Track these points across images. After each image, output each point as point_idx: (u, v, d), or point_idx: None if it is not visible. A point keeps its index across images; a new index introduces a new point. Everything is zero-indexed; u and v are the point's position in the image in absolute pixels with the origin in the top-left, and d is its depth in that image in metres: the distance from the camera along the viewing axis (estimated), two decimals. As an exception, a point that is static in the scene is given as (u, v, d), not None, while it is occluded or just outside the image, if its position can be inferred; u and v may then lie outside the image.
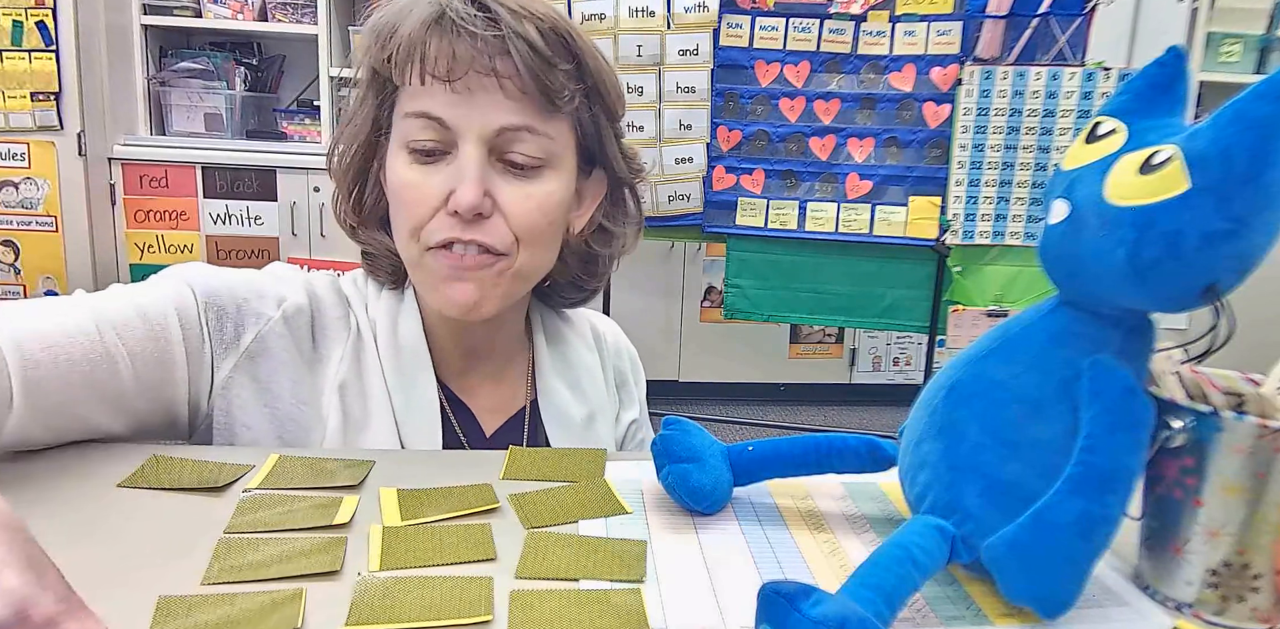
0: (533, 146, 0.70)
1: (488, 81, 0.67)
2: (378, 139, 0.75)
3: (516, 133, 0.69)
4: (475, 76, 0.67)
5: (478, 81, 0.67)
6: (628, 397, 0.93)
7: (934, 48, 2.48)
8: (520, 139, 0.70)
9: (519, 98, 0.68)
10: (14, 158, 2.83)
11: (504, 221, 0.70)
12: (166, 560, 0.52)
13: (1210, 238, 0.44)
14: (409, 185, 0.70)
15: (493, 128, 0.69)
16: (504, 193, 0.70)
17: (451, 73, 0.67)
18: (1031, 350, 0.52)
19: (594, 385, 0.87)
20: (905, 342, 3.61)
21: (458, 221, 0.69)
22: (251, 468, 0.66)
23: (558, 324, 0.88)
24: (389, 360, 0.76)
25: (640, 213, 0.85)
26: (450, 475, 0.66)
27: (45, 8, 2.72)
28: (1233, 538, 0.49)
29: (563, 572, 0.53)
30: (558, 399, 0.83)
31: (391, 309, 0.78)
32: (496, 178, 0.70)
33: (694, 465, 0.61)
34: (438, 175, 0.70)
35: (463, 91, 0.68)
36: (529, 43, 0.67)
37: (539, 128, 0.70)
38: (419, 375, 0.77)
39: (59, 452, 0.68)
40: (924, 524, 0.51)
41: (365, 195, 0.78)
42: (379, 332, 0.77)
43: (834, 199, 2.57)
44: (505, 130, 0.69)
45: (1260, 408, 0.53)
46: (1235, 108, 0.44)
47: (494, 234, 0.70)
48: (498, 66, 0.67)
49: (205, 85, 3.06)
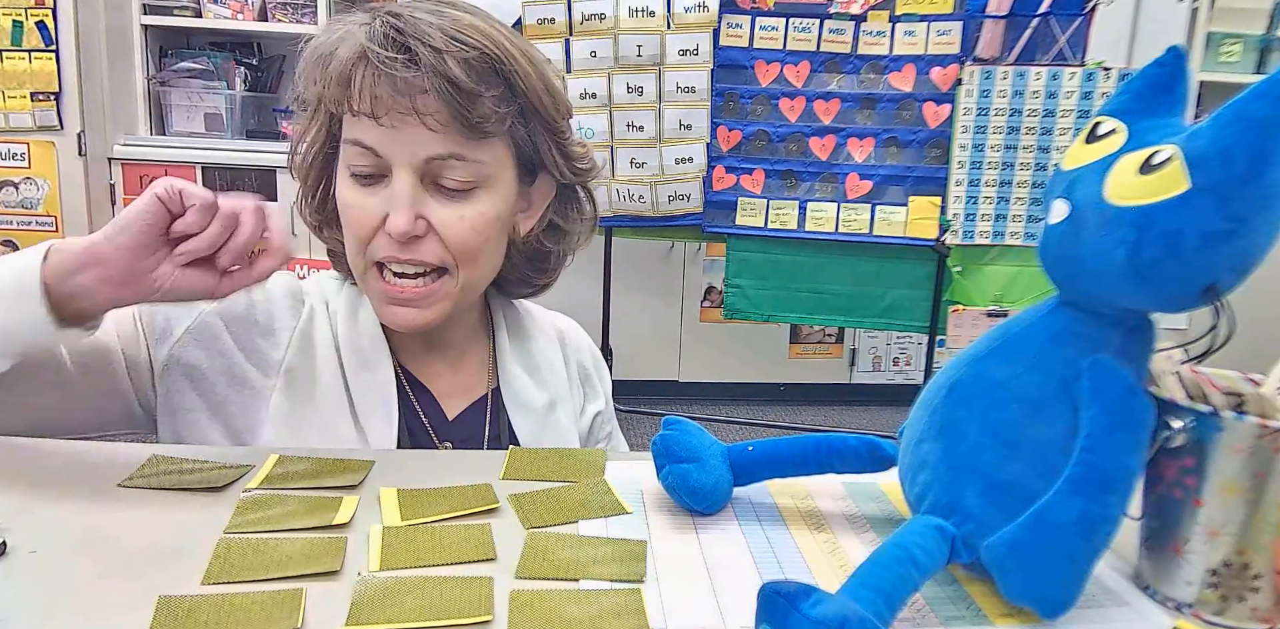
0: (462, 172, 0.73)
1: (410, 118, 0.70)
2: (334, 148, 0.79)
3: (445, 161, 0.73)
4: (397, 114, 0.70)
5: (400, 118, 0.71)
6: (592, 390, 0.95)
7: (934, 48, 2.48)
8: (449, 166, 0.73)
9: (442, 130, 0.71)
10: (14, 158, 2.82)
11: (439, 241, 0.74)
12: (166, 560, 0.53)
13: (1210, 238, 0.44)
14: (351, 206, 0.75)
15: (420, 158, 0.72)
16: (437, 215, 0.74)
17: (374, 110, 0.70)
18: (1031, 350, 0.52)
19: (555, 376, 0.89)
20: (905, 342, 3.61)
21: (394, 242, 0.73)
22: (251, 468, 0.66)
23: (519, 317, 0.91)
24: (347, 344, 0.80)
25: (595, 209, 0.88)
26: (450, 475, 0.66)
27: (45, 8, 2.72)
28: (1233, 538, 0.49)
29: (563, 572, 0.53)
30: (519, 386, 0.86)
31: (353, 300, 0.83)
32: (430, 200, 0.74)
33: (694, 465, 0.61)
34: (376, 198, 0.74)
35: (388, 126, 0.71)
36: (448, 79, 0.69)
37: (467, 155, 0.73)
38: (376, 358, 0.80)
39: (59, 452, 0.68)
40: (924, 524, 0.51)
41: (328, 196, 0.81)
42: (339, 319, 0.82)
43: (834, 199, 2.57)
44: (433, 159, 0.72)
45: (1260, 408, 0.53)
46: (1235, 108, 0.44)
47: (429, 253, 0.74)
48: (417, 105, 0.70)
49: (205, 85, 3.06)
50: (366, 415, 0.78)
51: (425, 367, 0.85)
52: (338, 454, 0.69)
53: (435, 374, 0.85)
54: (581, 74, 2.60)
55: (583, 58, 2.59)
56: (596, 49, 2.58)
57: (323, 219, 0.82)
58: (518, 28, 2.63)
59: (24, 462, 0.66)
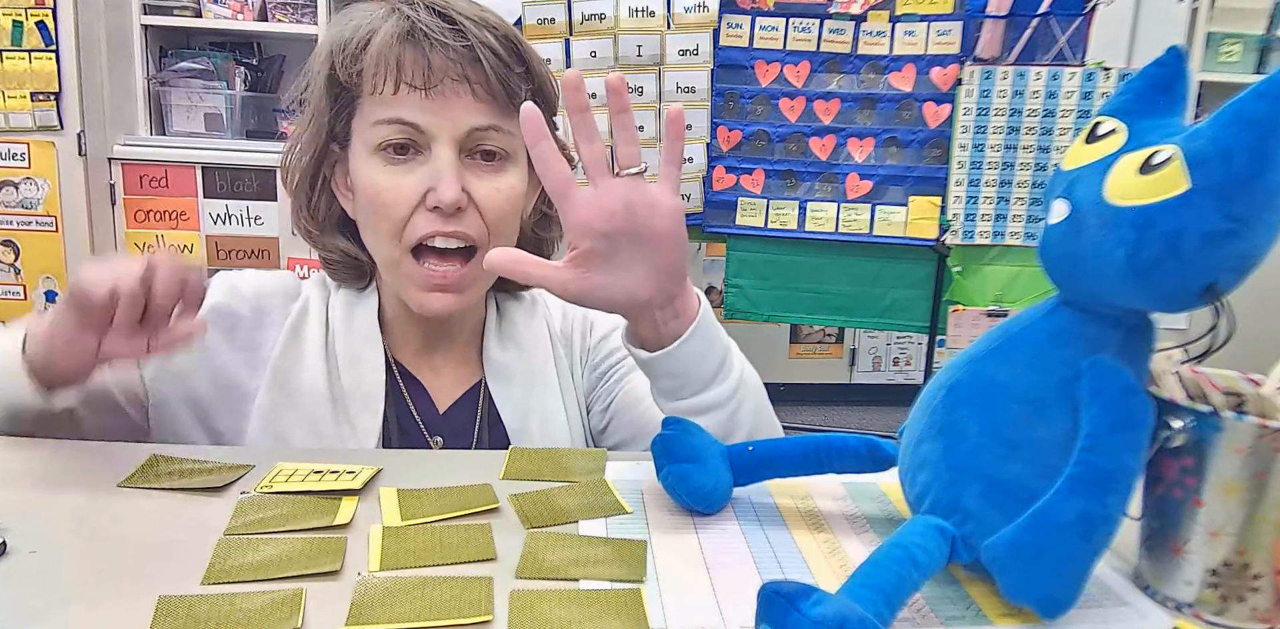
0: (499, 142, 0.77)
1: (460, 87, 0.75)
2: (329, 148, 0.80)
3: (485, 132, 0.76)
4: (449, 83, 0.74)
5: (451, 87, 0.74)
6: (574, 348, 0.91)
7: (934, 48, 2.47)
8: (489, 137, 0.77)
9: (488, 100, 0.76)
10: (14, 158, 2.82)
11: (478, 214, 0.77)
12: (166, 560, 0.53)
13: (1210, 238, 0.44)
14: (385, 188, 0.76)
15: (464, 129, 0.75)
16: (477, 187, 0.76)
17: (428, 81, 0.74)
18: (1031, 350, 0.52)
19: (538, 346, 0.88)
20: (905, 342, 3.61)
21: (438, 216, 0.75)
22: (252, 468, 0.66)
23: (508, 302, 0.91)
24: (341, 342, 0.81)
25: None
26: (450, 475, 0.66)
27: (45, 8, 2.72)
28: (1233, 538, 0.49)
29: (563, 572, 0.53)
30: (507, 372, 0.86)
31: (350, 300, 0.84)
32: (468, 174, 0.76)
33: (694, 465, 0.61)
34: (411, 175, 0.76)
35: (436, 98, 0.74)
36: (493, 51, 0.75)
37: (503, 126, 0.77)
38: (369, 354, 0.81)
39: (59, 452, 0.68)
40: (924, 524, 0.51)
41: (319, 202, 0.82)
42: (335, 318, 0.83)
43: (834, 199, 2.57)
44: (475, 130, 0.76)
45: (1260, 408, 0.53)
46: (1235, 108, 0.44)
47: (471, 226, 0.76)
48: (469, 74, 0.74)
49: (205, 85, 3.06)
50: (353, 412, 0.79)
51: (421, 361, 0.86)
52: (339, 455, 0.69)
53: (431, 368, 0.86)
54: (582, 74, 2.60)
55: (583, 58, 2.59)
56: (596, 49, 2.58)
57: (318, 226, 0.83)
58: (518, 27, 2.63)
59: (24, 462, 0.66)
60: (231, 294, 0.82)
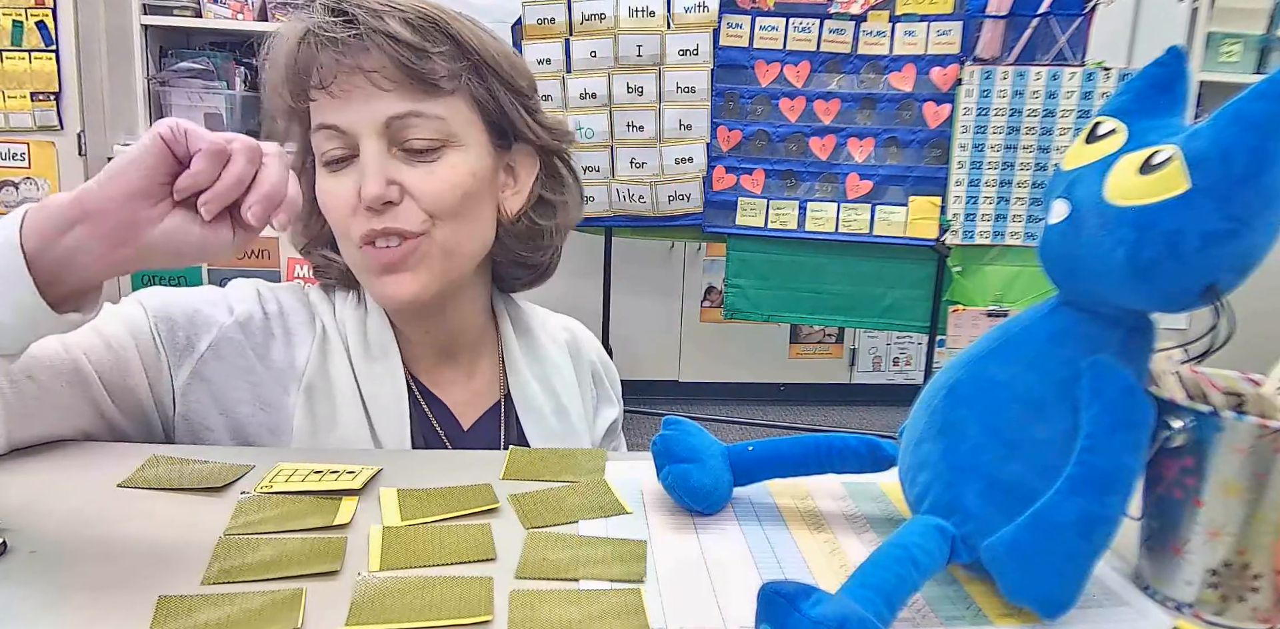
0: (425, 129, 0.74)
1: (358, 79, 0.72)
2: (305, 165, 0.80)
3: (404, 120, 0.73)
4: (345, 77, 0.72)
5: (350, 82, 0.72)
6: (604, 394, 0.94)
7: (934, 48, 2.47)
8: (410, 125, 0.73)
9: (394, 87, 0.72)
10: (14, 158, 2.82)
11: (414, 205, 0.74)
12: (166, 560, 0.53)
13: (1210, 238, 0.44)
14: (326, 192, 0.76)
15: (380, 120, 0.73)
16: (409, 177, 0.74)
17: (324, 80, 0.72)
18: (1031, 350, 0.52)
19: (564, 382, 0.88)
20: (905, 342, 3.61)
21: (371, 214, 0.73)
22: (252, 468, 0.66)
23: (525, 318, 0.90)
24: (358, 357, 0.79)
25: (578, 181, 0.88)
26: (450, 475, 0.66)
27: (45, 8, 2.72)
28: (1233, 538, 0.49)
29: (563, 572, 0.53)
30: (529, 391, 0.85)
31: (358, 309, 0.82)
32: (400, 166, 0.74)
33: (694, 465, 0.61)
34: (348, 178, 0.74)
35: (341, 95, 0.72)
36: (388, 35, 0.71)
37: (426, 111, 0.73)
38: (388, 368, 0.80)
39: (59, 452, 0.68)
40: (924, 524, 0.51)
41: (310, 217, 0.82)
42: (349, 331, 0.80)
43: (834, 199, 2.57)
44: (393, 119, 0.73)
45: (1260, 408, 0.53)
46: (1235, 107, 0.44)
47: (406, 218, 0.74)
48: (362, 64, 0.72)
49: (205, 85, 3.06)
50: (382, 428, 0.78)
51: (438, 376, 0.84)
52: (339, 455, 0.69)
53: (449, 382, 0.84)
54: (581, 74, 2.60)
55: (583, 58, 2.59)
56: (596, 49, 2.58)
57: (309, 238, 0.83)
58: (518, 27, 2.63)
59: (24, 462, 0.66)
60: (264, 303, 0.80)
